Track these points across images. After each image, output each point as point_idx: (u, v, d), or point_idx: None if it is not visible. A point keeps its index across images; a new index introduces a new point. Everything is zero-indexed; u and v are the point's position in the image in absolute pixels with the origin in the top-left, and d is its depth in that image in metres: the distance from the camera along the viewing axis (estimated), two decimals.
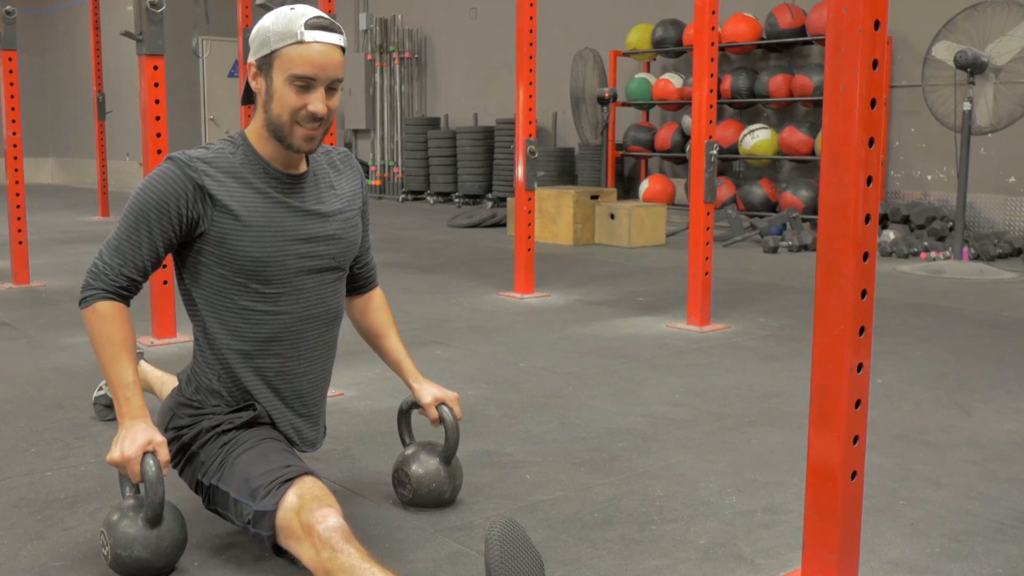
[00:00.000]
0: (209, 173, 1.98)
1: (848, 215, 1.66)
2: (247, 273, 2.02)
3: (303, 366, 2.12)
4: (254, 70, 2.01)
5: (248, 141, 2.06)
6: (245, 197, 2.00)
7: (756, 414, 3.10)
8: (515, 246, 5.33)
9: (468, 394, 3.26)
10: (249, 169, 2.03)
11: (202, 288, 2.04)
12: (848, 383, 1.70)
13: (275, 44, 1.95)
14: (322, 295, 2.13)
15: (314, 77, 1.95)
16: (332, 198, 2.14)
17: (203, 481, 2.00)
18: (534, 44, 5.17)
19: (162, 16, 3.93)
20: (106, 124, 9.91)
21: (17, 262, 5.58)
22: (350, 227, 2.17)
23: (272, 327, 2.06)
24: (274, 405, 2.10)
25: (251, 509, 1.87)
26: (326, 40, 1.95)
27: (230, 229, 1.99)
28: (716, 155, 4.43)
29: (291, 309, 2.08)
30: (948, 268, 6.22)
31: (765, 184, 8.51)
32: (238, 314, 2.04)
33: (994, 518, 2.25)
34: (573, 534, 2.15)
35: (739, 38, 8.62)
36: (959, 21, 6.34)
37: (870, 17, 1.63)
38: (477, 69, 11.93)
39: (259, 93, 2.01)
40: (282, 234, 2.03)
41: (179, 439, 2.06)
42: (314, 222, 2.09)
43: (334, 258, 2.13)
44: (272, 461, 1.93)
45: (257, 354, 2.06)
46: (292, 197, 2.07)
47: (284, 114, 1.97)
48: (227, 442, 2.00)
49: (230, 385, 2.07)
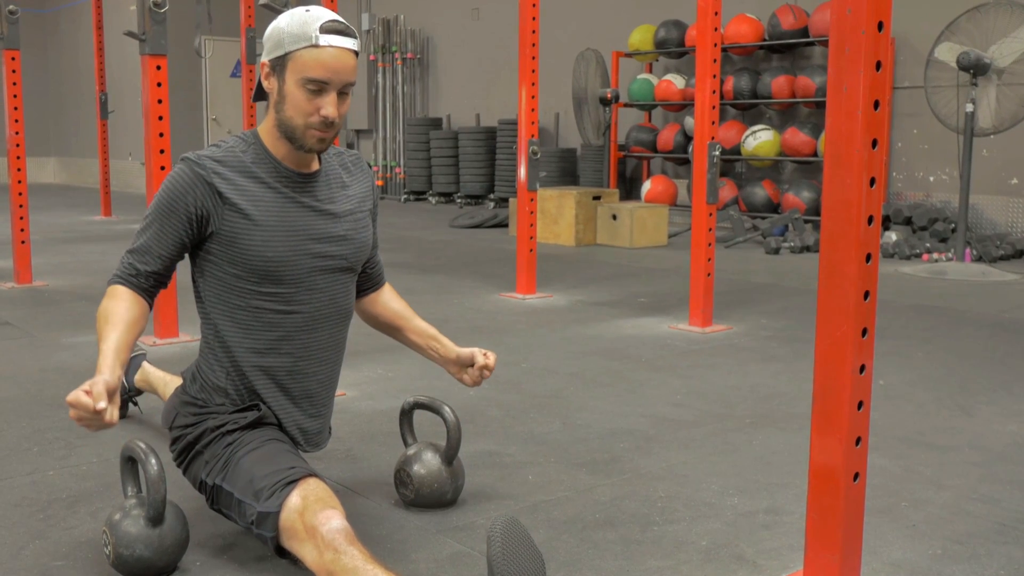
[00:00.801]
0: (219, 172, 1.99)
1: (851, 216, 1.66)
2: (260, 272, 2.02)
3: (313, 366, 2.13)
4: (267, 70, 2.01)
5: (260, 139, 2.06)
6: (257, 195, 2.01)
7: (758, 415, 3.09)
8: (517, 247, 5.33)
9: (470, 394, 3.26)
10: (261, 167, 2.03)
11: (214, 287, 2.05)
12: (850, 384, 1.70)
13: (289, 46, 1.95)
14: (333, 295, 2.13)
15: (327, 81, 1.95)
16: (343, 199, 2.15)
17: (207, 481, 2.00)
18: (536, 44, 5.17)
19: (165, 16, 3.94)
20: (108, 124, 9.92)
21: (19, 261, 5.58)
22: (361, 228, 2.18)
23: (284, 327, 2.06)
24: (282, 405, 2.10)
25: (255, 510, 1.87)
26: (340, 44, 1.96)
27: (241, 228, 1.99)
28: (718, 156, 4.43)
29: (303, 309, 2.08)
30: (950, 270, 6.21)
31: (767, 185, 8.51)
32: (250, 313, 2.04)
33: (996, 520, 2.25)
34: (575, 535, 2.15)
35: (742, 39, 8.62)
36: (962, 23, 6.34)
37: (873, 18, 1.63)
38: (479, 69, 11.93)
39: (271, 93, 2.02)
40: (294, 233, 2.04)
41: (183, 438, 2.06)
42: (326, 221, 2.09)
43: (346, 259, 2.14)
44: (277, 462, 1.93)
45: (268, 353, 2.07)
46: (304, 195, 2.07)
47: (296, 116, 1.98)
48: (232, 442, 2.00)
49: (238, 383, 2.07)
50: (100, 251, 7.27)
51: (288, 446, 2.05)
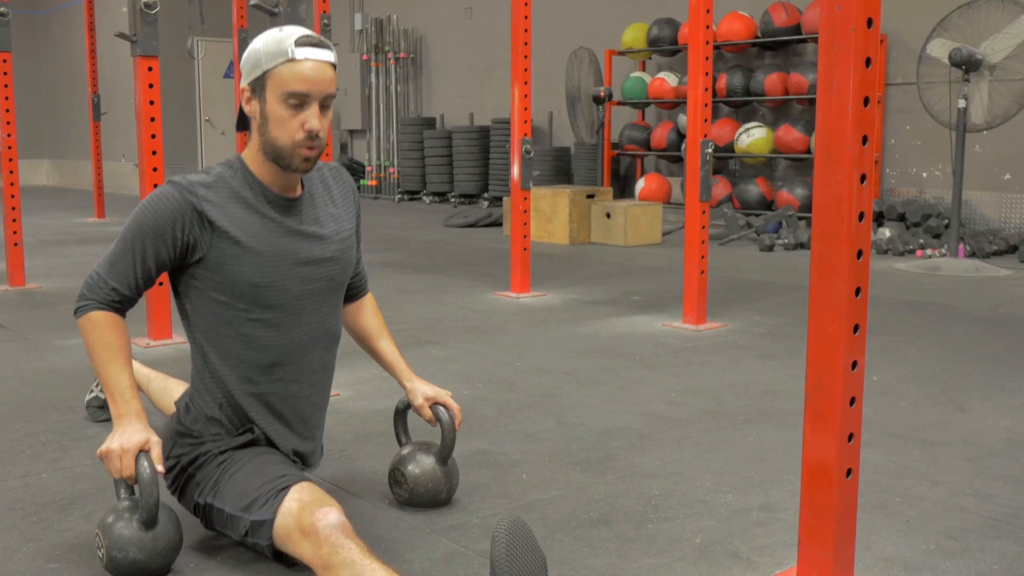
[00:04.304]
0: (209, 199, 1.97)
1: (841, 213, 1.67)
2: (248, 299, 2.01)
3: (305, 389, 2.13)
4: (248, 94, 2.00)
5: (245, 165, 2.05)
6: (246, 221, 2.00)
7: (752, 412, 3.10)
8: (511, 245, 5.33)
9: (464, 393, 3.26)
10: (248, 192, 2.02)
11: (202, 316, 2.03)
12: (843, 381, 1.71)
13: (267, 64, 1.95)
14: (322, 318, 2.13)
15: (307, 93, 1.94)
16: (328, 219, 2.14)
17: (199, 501, 2.01)
18: (529, 43, 5.17)
19: (157, 17, 3.93)
20: (101, 125, 9.89)
21: (12, 264, 5.57)
22: (347, 247, 2.18)
23: (274, 352, 2.06)
24: (276, 430, 2.10)
25: (247, 520, 1.89)
26: (317, 57, 1.95)
27: (230, 255, 1.98)
28: (712, 154, 4.43)
29: (292, 333, 2.07)
30: (944, 265, 6.23)
31: (761, 182, 8.51)
32: (240, 340, 2.03)
33: (989, 515, 2.25)
34: (569, 533, 2.15)
35: (734, 36, 8.63)
36: (954, 18, 6.35)
37: (863, 15, 1.63)
38: (472, 69, 11.92)
39: (254, 117, 2.01)
40: (283, 258, 2.03)
41: (177, 465, 2.07)
42: (313, 245, 2.09)
43: (332, 279, 2.14)
44: (267, 473, 1.94)
45: (260, 380, 2.06)
46: (291, 219, 2.06)
47: (281, 135, 1.96)
48: (223, 462, 2.02)
49: (231, 414, 2.06)
50: (94, 253, 7.26)
51: (279, 457, 2.06)
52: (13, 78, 5.49)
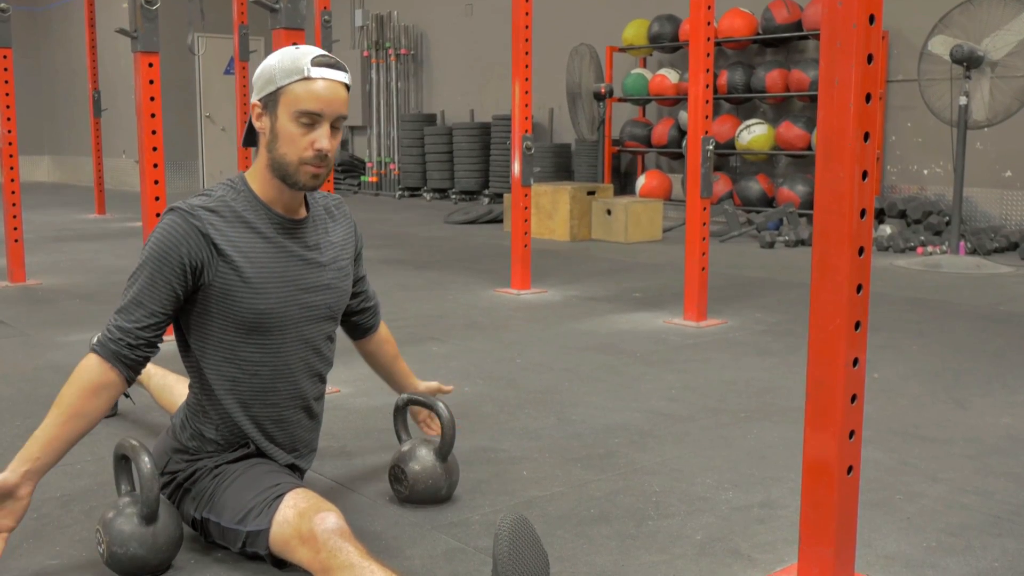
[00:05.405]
0: (213, 223, 1.95)
1: (843, 210, 1.66)
2: (249, 325, 2.00)
3: (298, 414, 2.13)
4: (259, 109, 1.99)
5: (248, 185, 2.03)
6: (249, 245, 1.98)
7: (752, 409, 3.10)
8: (511, 242, 5.32)
9: (464, 390, 3.26)
10: (252, 214, 2.00)
11: (200, 339, 2.02)
12: (844, 378, 1.71)
13: (281, 81, 1.94)
14: (317, 346, 2.13)
15: (320, 113, 1.93)
16: (327, 245, 2.13)
17: (196, 516, 2.01)
18: (530, 40, 5.16)
19: (157, 13, 3.92)
20: (102, 122, 9.89)
21: (13, 260, 5.57)
22: (343, 276, 2.17)
23: (269, 377, 2.06)
24: (272, 450, 2.11)
25: (243, 532, 1.89)
26: (332, 77, 1.95)
27: (233, 280, 1.97)
28: (712, 150, 4.43)
29: (288, 360, 2.07)
30: (944, 262, 6.22)
31: (762, 179, 8.51)
32: (236, 365, 2.03)
33: (990, 512, 2.25)
34: (569, 530, 2.15)
35: (735, 33, 8.62)
36: (955, 15, 6.34)
37: (864, 12, 1.63)
38: (473, 65, 11.91)
39: (263, 133, 1.99)
40: (285, 284, 2.02)
41: (174, 480, 2.07)
42: (313, 271, 2.08)
43: (329, 307, 2.14)
44: (262, 483, 1.94)
45: (254, 404, 2.06)
46: (294, 243, 2.05)
47: (290, 152, 1.95)
48: (218, 475, 2.02)
49: (227, 433, 2.06)
50: (94, 249, 7.26)
51: (274, 466, 2.06)
52: (13, 74, 5.49)
